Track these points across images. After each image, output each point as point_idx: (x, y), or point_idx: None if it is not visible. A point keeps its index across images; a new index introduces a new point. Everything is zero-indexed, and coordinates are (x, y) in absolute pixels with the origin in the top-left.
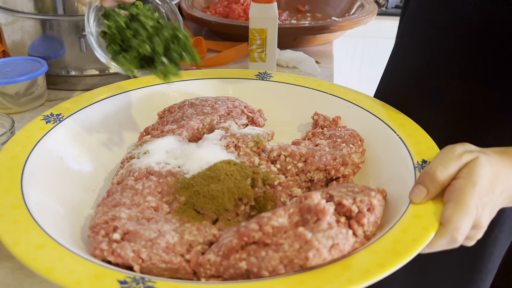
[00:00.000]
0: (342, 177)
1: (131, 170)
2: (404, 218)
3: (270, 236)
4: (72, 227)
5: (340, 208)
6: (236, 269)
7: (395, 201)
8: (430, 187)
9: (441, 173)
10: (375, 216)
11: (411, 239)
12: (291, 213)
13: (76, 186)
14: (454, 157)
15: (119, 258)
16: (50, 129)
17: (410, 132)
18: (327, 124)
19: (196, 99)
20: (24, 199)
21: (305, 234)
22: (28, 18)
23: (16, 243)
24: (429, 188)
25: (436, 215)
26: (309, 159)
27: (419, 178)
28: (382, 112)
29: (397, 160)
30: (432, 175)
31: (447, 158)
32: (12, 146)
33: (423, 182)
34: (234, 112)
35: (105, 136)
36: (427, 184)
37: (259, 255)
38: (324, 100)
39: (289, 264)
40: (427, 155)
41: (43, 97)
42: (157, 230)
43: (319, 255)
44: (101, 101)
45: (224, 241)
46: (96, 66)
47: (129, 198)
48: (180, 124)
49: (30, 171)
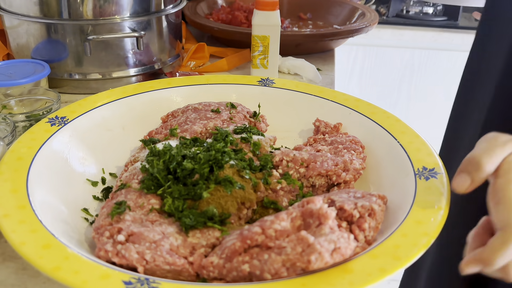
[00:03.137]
0: (344, 183)
1: (135, 173)
2: (405, 223)
3: (273, 239)
4: (76, 228)
5: (341, 213)
6: (238, 271)
7: (396, 207)
8: (474, 175)
9: (487, 162)
10: (376, 221)
11: (412, 244)
12: (294, 217)
13: (80, 188)
14: (499, 144)
15: (124, 259)
16: (55, 131)
17: (410, 140)
18: (328, 131)
19: (199, 104)
20: (29, 199)
21: (308, 238)
22: (34, 22)
23: (23, 242)
24: (473, 177)
25: (435, 221)
26: (310, 164)
27: (462, 166)
28: (383, 119)
29: (397, 167)
30: (477, 164)
31: (491, 145)
32: (17, 147)
33: (466, 171)
34: (237, 117)
35: (109, 139)
36: (472, 173)
37: (262, 258)
38: (325, 106)
39: (291, 267)
40: (428, 162)
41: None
42: (161, 232)
43: (321, 259)
44: (105, 105)
45: (227, 244)
46: (99, 70)
47: (133, 200)
48: (183, 128)
49: (35, 172)
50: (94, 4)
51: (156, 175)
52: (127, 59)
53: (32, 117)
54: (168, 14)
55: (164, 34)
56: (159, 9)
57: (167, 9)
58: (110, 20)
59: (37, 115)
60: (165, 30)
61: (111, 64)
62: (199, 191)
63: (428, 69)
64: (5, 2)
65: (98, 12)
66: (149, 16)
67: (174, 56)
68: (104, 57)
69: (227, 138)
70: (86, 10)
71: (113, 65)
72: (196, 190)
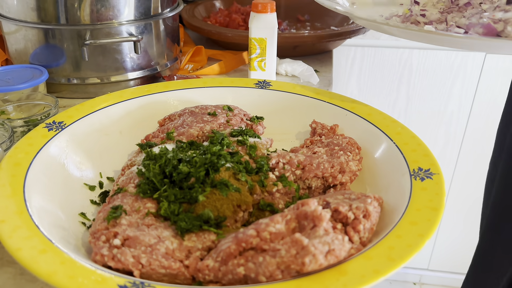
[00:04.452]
0: (340, 185)
1: (131, 177)
2: (400, 224)
3: (267, 242)
4: (74, 233)
5: (336, 215)
6: (234, 274)
7: (391, 208)
8: None
9: None
10: (371, 223)
11: (406, 245)
12: (288, 220)
13: (78, 192)
14: None
15: (120, 264)
16: (52, 136)
17: (406, 140)
18: (325, 132)
19: (196, 107)
20: (26, 205)
21: (302, 240)
22: (31, 27)
23: (19, 248)
24: None
25: (431, 222)
26: (307, 166)
27: None
28: (379, 120)
29: (393, 168)
30: None
31: None
32: (14, 153)
33: None
34: (234, 120)
35: (106, 143)
36: None
37: (257, 260)
38: (322, 108)
39: (286, 269)
40: (423, 163)
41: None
42: (156, 236)
43: (315, 261)
44: (102, 109)
45: (222, 247)
46: (98, 74)
47: (129, 204)
48: (180, 132)
49: (32, 177)
50: (91, 9)
51: (152, 179)
52: (125, 63)
53: (30, 122)
54: (166, 17)
55: (161, 37)
56: (156, 12)
57: (164, 13)
58: (107, 24)
59: (35, 120)
60: (163, 34)
61: (109, 68)
62: (195, 195)
63: (426, 69)
64: (3, 7)
65: (96, 17)
66: (147, 20)
67: (172, 59)
68: (102, 62)
69: (223, 141)
70: (83, 15)
71: (111, 69)
72: (192, 194)
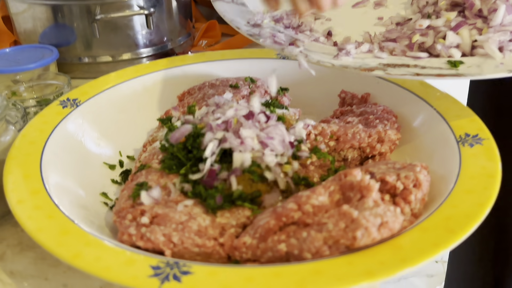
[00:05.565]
0: (379, 155)
1: (154, 153)
2: (454, 193)
3: (310, 216)
4: (96, 212)
5: (383, 186)
6: (274, 251)
7: (438, 179)
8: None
9: None
10: (422, 193)
11: (465, 215)
12: (332, 191)
13: (98, 171)
14: None
15: (149, 243)
16: (67, 114)
17: (448, 105)
18: (355, 102)
19: (216, 80)
20: (44, 184)
21: (351, 212)
22: (39, 5)
23: (39, 229)
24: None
25: (488, 190)
26: (341, 136)
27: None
28: (415, 86)
29: (436, 136)
30: None
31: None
32: (28, 131)
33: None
34: (257, 92)
35: (124, 120)
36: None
37: (300, 236)
38: (350, 77)
39: (334, 245)
40: (470, 128)
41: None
42: (187, 213)
43: (367, 234)
44: (118, 85)
45: (260, 222)
46: (109, 52)
47: (154, 181)
48: (201, 105)
49: (49, 155)
50: None
51: (177, 154)
52: (137, 39)
53: (43, 102)
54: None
55: (173, 12)
56: None
57: None
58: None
59: (48, 100)
60: (175, 8)
61: (121, 45)
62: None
63: None
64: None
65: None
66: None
67: (185, 35)
68: (113, 39)
69: None
70: None
71: (123, 47)
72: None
